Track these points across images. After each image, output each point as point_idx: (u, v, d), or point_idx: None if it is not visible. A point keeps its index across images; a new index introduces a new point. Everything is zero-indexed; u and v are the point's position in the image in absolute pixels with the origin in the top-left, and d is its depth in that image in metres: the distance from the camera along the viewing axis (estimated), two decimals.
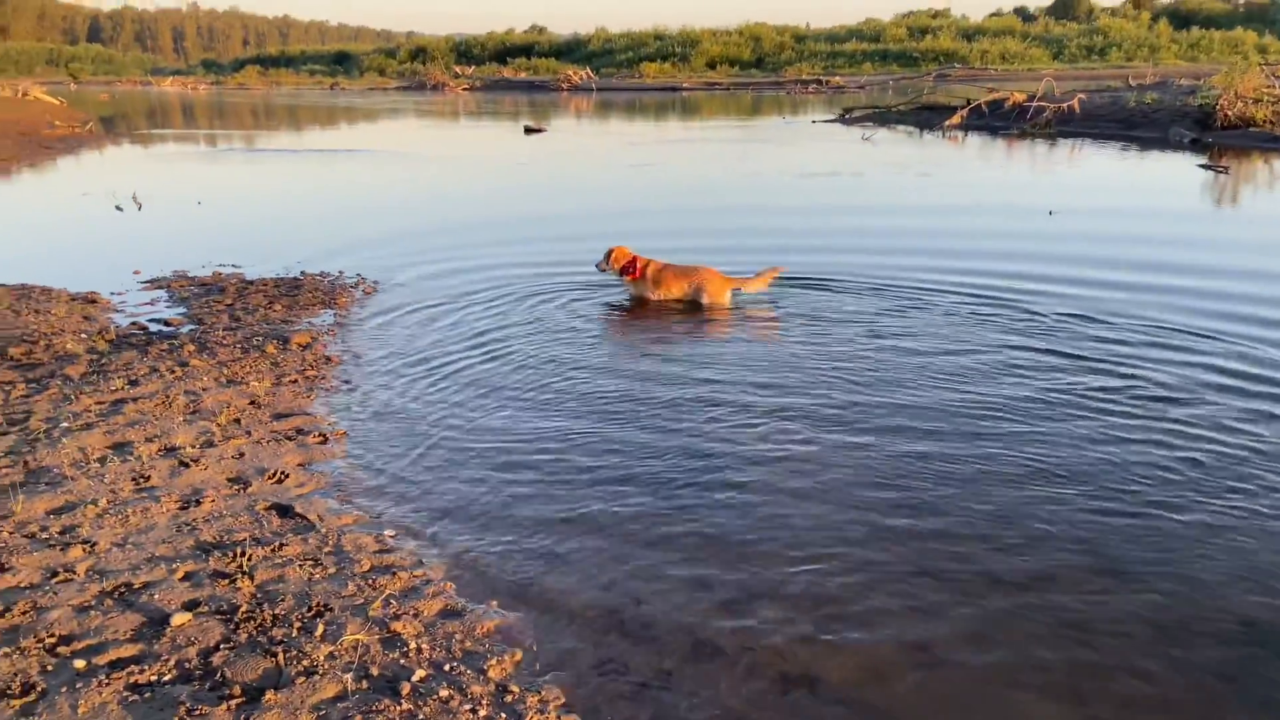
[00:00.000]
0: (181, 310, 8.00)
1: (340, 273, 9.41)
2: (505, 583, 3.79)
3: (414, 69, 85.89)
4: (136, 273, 9.32)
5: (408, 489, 4.64)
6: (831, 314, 7.69)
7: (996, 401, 5.65)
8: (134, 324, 7.55)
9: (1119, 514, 4.27)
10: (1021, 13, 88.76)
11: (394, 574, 3.79)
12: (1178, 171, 17.72)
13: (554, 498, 4.52)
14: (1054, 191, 14.75)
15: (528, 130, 29.57)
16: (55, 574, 3.73)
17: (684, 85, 63.28)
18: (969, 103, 28.32)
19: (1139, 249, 10.21)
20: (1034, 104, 26.48)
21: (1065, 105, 26.15)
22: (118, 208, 13.69)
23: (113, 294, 8.55)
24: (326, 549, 3.98)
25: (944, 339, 6.91)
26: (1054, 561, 3.90)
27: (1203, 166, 17.63)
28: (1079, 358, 6.41)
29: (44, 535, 4.03)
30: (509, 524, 4.27)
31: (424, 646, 3.31)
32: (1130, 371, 6.12)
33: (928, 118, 28.73)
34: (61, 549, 3.91)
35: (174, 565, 3.81)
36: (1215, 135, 21.59)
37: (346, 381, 6.19)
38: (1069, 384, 5.93)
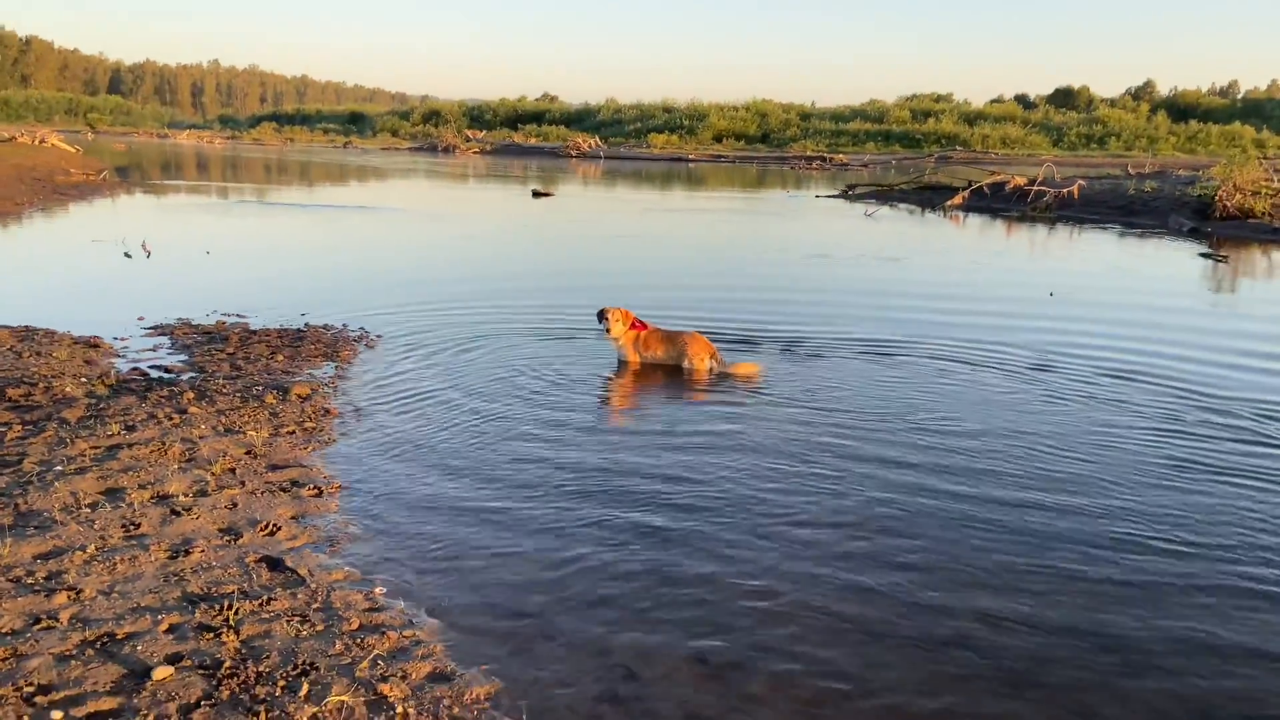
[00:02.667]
0: (183, 358, 7.98)
1: (344, 325, 9.42)
2: (496, 647, 3.70)
3: (427, 131, 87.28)
4: (140, 319, 9.33)
5: (401, 545, 4.57)
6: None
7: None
8: (135, 370, 7.53)
9: None
10: (1022, 100, 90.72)
11: (383, 633, 3.71)
12: (1181, 258, 17.89)
13: (551, 558, 4.45)
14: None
15: (536, 194, 29.94)
16: (38, 620, 3.64)
17: (690, 156, 64.35)
18: (971, 184, 28.73)
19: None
20: (1035, 188, 26.85)
21: (1066, 191, 26.52)
22: (126, 255, 13.78)
23: (115, 339, 8.54)
24: (315, 605, 3.90)
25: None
26: None
27: (1204, 255, 17.84)
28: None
29: (29, 580, 3.95)
30: (503, 584, 4.20)
31: (410, 711, 3.22)
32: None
33: (930, 197, 29.12)
34: (46, 595, 3.83)
35: (159, 616, 3.73)
36: (1214, 225, 21.86)
37: (344, 434, 6.15)
38: None
